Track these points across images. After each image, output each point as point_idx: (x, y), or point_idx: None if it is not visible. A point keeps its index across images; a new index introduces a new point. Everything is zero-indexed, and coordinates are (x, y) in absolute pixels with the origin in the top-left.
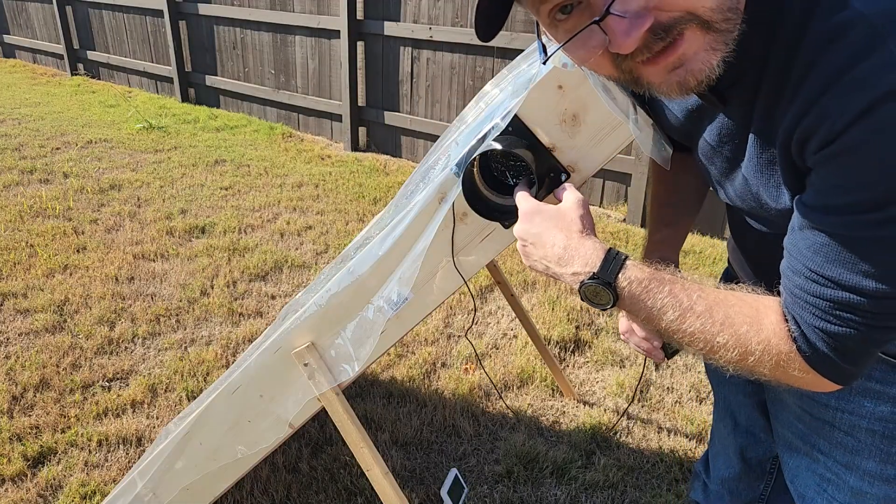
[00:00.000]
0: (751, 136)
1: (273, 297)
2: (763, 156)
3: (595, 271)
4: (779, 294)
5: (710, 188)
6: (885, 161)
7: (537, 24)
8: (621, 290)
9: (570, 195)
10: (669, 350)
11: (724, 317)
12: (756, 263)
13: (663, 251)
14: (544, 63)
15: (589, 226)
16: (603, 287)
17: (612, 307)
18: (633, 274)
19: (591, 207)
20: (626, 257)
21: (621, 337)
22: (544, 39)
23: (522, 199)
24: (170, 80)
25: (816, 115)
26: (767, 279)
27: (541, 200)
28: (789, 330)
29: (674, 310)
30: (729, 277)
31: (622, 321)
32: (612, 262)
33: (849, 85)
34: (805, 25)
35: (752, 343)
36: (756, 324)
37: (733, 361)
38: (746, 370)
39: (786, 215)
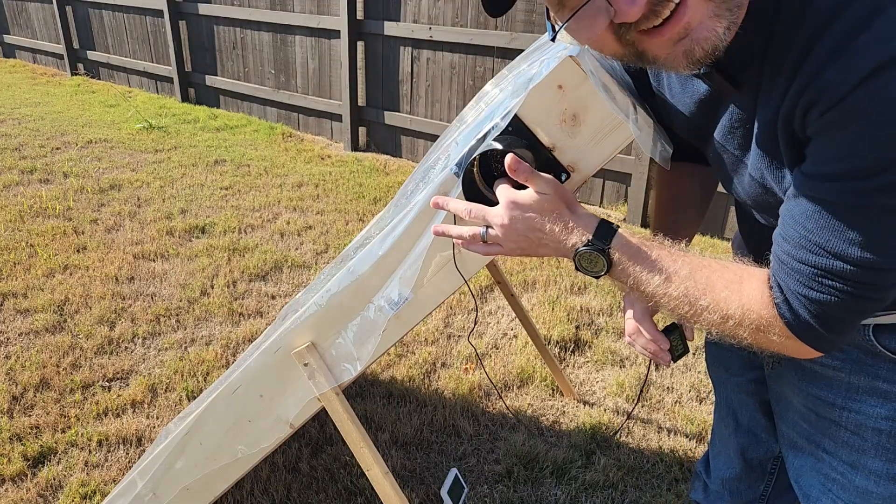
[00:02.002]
0: (756, 119)
1: (273, 297)
2: (767, 137)
3: (590, 238)
4: (768, 265)
5: (721, 186)
6: (881, 128)
7: (547, 10)
8: (613, 255)
9: (536, 182)
10: (676, 353)
11: (707, 280)
12: (763, 261)
13: None
14: (552, 40)
15: (570, 200)
16: (597, 253)
17: (605, 273)
18: (625, 240)
19: (591, 207)
20: (618, 227)
21: (626, 339)
22: (553, 22)
23: (502, 189)
24: (170, 80)
25: (818, 85)
26: None
27: None
28: (772, 296)
29: (660, 273)
30: None
31: (628, 323)
32: (605, 228)
33: (850, 53)
34: (807, 4)
35: (733, 306)
36: (737, 289)
37: (715, 324)
38: (728, 333)
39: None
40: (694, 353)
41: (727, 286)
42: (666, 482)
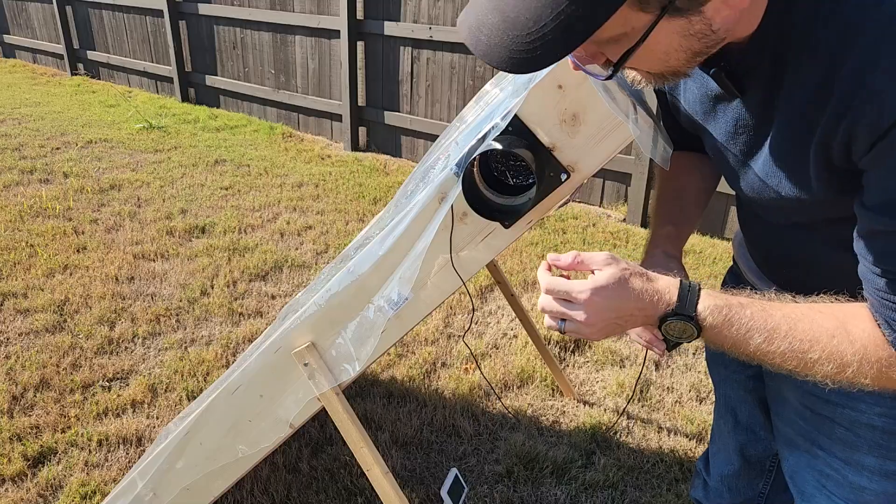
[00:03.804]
0: (773, 131)
1: (273, 297)
2: (787, 149)
3: (673, 308)
4: (863, 299)
5: (724, 179)
6: None
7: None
8: (703, 321)
9: (602, 271)
10: (671, 342)
11: (810, 332)
12: (765, 257)
13: (667, 246)
14: (607, 79)
15: (639, 270)
16: (685, 322)
17: (696, 338)
18: (711, 302)
19: (591, 207)
20: (700, 286)
21: None
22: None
23: (570, 285)
24: (170, 79)
25: (855, 114)
26: (776, 274)
27: (541, 200)
28: (885, 334)
29: (759, 333)
30: (734, 276)
31: None
32: (688, 293)
33: (882, 80)
34: (823, 24)
35: (847, 354)
36: (845, 335)
37: (830, 374)
38: (846, 382)
39: (806, 203)
40: (694, 353)
41: (834, 335)
42: (666, 482)
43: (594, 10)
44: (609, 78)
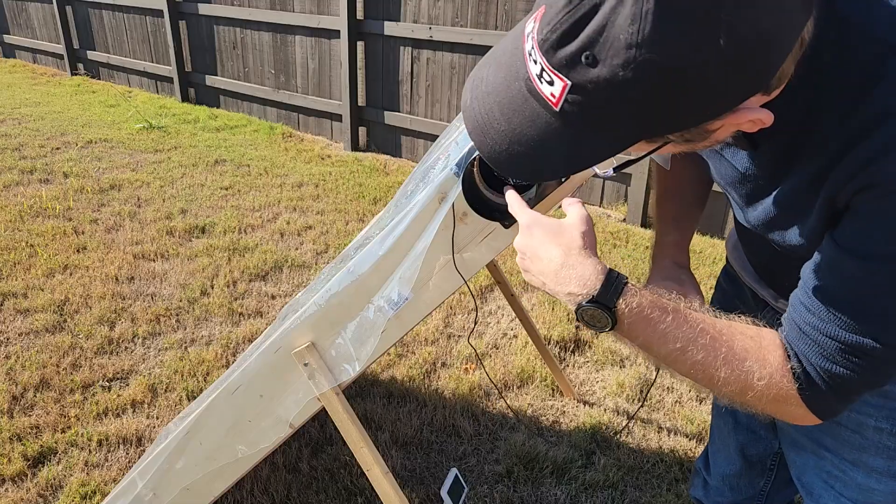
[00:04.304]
0: (785, 186)
1: (273, 297)
2: (796, 202)
3: (594, 294)
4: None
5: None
6: None
7: None
8: (621, 316)
9: (574, 210)
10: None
11: (728, 352)
12: (763, 269)
13: (676, 256)
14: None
15: (590, 244)
16: (602, 311)
17: (609, 331)
18: (634, 300)
19: (591, 207)
20: (627, 281)
21: None
22: None
23: (519, 209)
24: (170, 79)
25: (876, 173)
26: (774, 282)
27: (541, 200)
28: (791, 365)
29: (675, 341)
30: (729, 277)
31: None
32: (613, 285)
33: None
34: (865, 99)
35: (754, 379)
36: (760, 359)
37: (731, 395)
38: (739, 403)
39: (803, 249)
40: None
41: (748, 357)
42: (666, 482)
43: (598, 155)
44: (610, 178)
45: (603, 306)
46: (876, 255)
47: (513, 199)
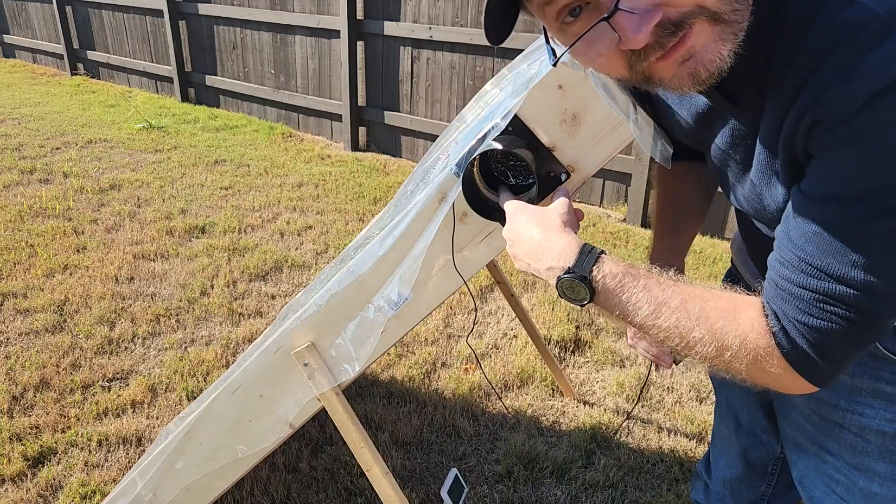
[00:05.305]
0: (758, 137)
1: (273, 297)
2: (767, 155)
3: (570, 265)
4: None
5: (721, 191)
6: (887, 152)
7: (545, 29)
8: (596, 284)
9: (558, 197)
10: (679, 357)
11: (700, 311)
12: (764, 265)
13: (669, 258)
14: (554, 65)
15: (569, 223)
16: (578, 281)
17: (588, 302)
18: (608, 268)
19: (591, 207)
20: (602, 252)
21: (628, 342)
22: (553, 45)
23: (507, 201)
24: (170, 79)
25: (822, 105)
26: None
27: (541, 199)
28: (769, 325)
29: (648, 304)
30: (733, 278)
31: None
32: (587, 255)
33: (856, 74)
34: (810, 24)
35: (729, 337)
36: (733, 318)
37: (710, 357)
38: (723, 366)
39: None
40: None
41: (722, 316)
42: (666, 482)
43: None
44: (554, 64)
45: (579, 276)
46: (833, 197)
47: (505, 195)
